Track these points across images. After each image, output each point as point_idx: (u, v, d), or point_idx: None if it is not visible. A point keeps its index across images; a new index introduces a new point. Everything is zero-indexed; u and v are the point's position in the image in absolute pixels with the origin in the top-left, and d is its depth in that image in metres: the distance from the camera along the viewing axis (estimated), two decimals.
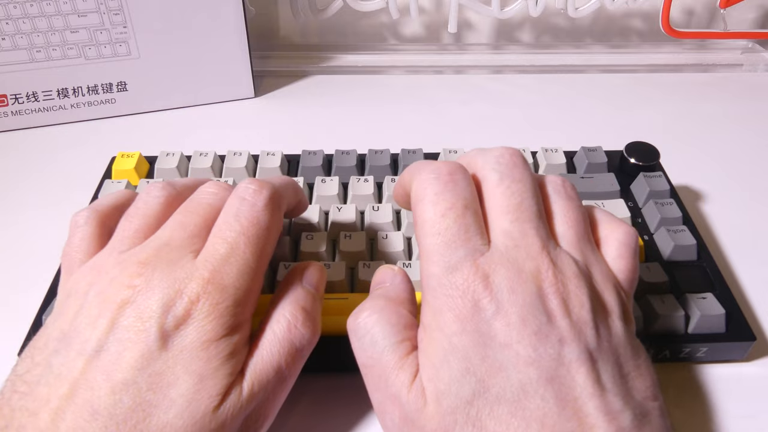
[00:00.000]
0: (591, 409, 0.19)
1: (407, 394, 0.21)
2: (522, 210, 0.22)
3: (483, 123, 0.48)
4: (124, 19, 0.43)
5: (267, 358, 0.22)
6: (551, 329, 0.20)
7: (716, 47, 0.57)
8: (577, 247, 0.22)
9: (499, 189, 0.22)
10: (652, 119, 0.48)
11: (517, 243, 0.21)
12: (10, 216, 0.38)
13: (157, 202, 0.24)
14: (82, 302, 0.22)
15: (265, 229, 0.23)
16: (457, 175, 0.23)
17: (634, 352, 0.21)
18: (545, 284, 0.21)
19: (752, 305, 0.32)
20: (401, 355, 0.22)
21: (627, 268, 0.23)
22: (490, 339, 0.20)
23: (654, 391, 0.21)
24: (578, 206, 0.24)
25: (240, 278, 0.22)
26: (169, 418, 0.20)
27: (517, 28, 0.58)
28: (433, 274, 0.21)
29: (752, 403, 0.28)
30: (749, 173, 0.42)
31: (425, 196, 0.23)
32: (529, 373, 0.19)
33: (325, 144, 0.39)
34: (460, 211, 0.22)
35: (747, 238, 0.36)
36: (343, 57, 0.55)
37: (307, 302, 0.24)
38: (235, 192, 0.24)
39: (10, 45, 0.42)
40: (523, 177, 0.23)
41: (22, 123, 0.46)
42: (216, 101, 0.49)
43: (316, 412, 0.27)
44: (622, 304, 0.22)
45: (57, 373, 0.20)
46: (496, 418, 0.19)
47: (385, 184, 0.35)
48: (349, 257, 0.30)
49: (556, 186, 0.24)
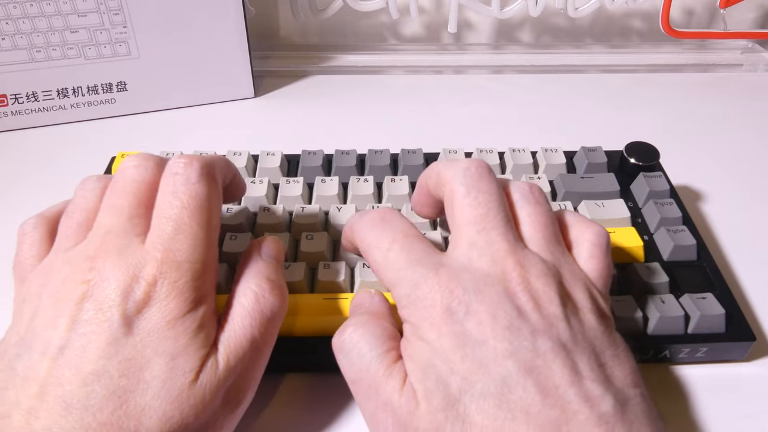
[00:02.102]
0: (572, 396, 0.19)
1: (399, 398, 0.21)
2: (488, 219, 0.23)
3: (483, 123, 0.48)
4: (124, 19, 0.43)
5: (240, 331, 0.22)
6: (523, 322, 0.21)
7: (716, 47, 0.57)
8: (546, 249, 0.23)
9: (466, 200, 0.23)
10: (652, 119, 0.48)
11: (482, 251, 0.22)
12: (10, 216, 0.38)
13: (93, 195, 0.24)
14: (36, 305, 0.21)
15: (205, 199, 0.23)
16: (387, 215, 0.25)
17: (611, 343, 0.22)
18: (512, 283, 0.21)
19: (752, 305, 0.32)
20: (388, 364, 0.22)
21: (599, 267, 0.24)
22: (467, 338, 0.21)
23: (634, 379, 0.21)
24: (546, 210, 0.24)
25: (193, 252, 0.22)
26: (147, 400, 0.20)
27: (517, 28, 0.58)
28: (402, 296, 0.22)
29: (752, 403, 0.28)
30: (749, 173, 0.42)
31: (368, 243, 0.24)
32: (508, 366, 0.20)
33: (325, 144, 0.39)
34: (401, 242, 0.23)
35: (747, 238, 0.36)
36: (343, 57, 0.55)
37: (270, 272, 0.24)
38: (167, 170, 0.24)
39: (10, 45, 0.42)
40: (489, 188, 0.24)
41: (22, 123, 0.46)
42: (216, 101, 0.49)
43: (315, 411, 0.27)
44: (594, 301, 0.22)
45: (23, 376, 0.20)
46: (483, 412, 0.19)
47: (385, 184, 0.35)
48: (349, 257, 0.30)
49: (524, 191, 0.25)
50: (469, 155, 0.37)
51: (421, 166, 0.36)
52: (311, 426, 0.27)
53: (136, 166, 0.24)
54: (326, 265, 0.29)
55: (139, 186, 0.23)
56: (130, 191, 0.23)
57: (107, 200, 0.23)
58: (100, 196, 0.24)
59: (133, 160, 0.24)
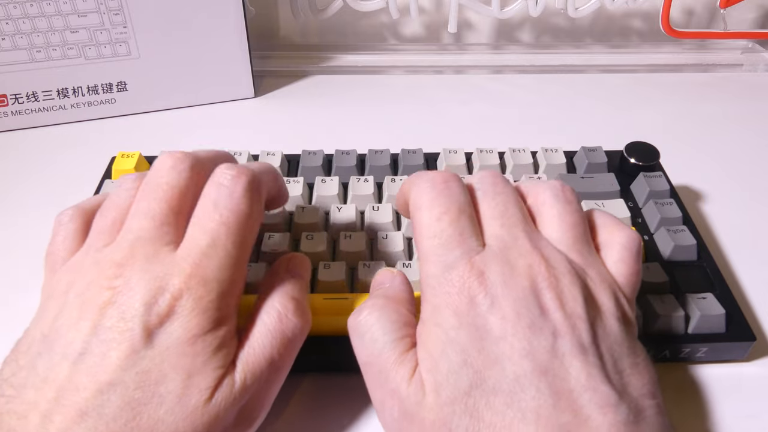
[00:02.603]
0: (585, 401, 0.19)
1: (407, 388, 0.21)
2: (507, 216, 0.23)
3: (483, 123, 0.48)
4: (124, 19, 0.43)
5: (259, 350, 0.22)
6: (545, 322, 0.20)
7: (716, 47, 0.57)
8: (573, 248, 0.23)
9: (485, 202, 0.24)
10: (652, 119, 0.48)
11: (508, 244, 0.22)
12: (10, 216, 0.38)
13: (128, 195, 0.24)
14: (62, 304, 0.21)
15: (245, 217, 0.23)
16: (451, 182, 0.24)
17: (631, 351, 0.21)
18: (538, 279, 0.21)
19: (752, 305, 0.32)
20: (401, 351, 0.22)
21: (628, 272, 0.23)
22: (486, 332, 0.20)
23: (651, 389, 0.21)
24: (576, 209, 0.24)
25: (222, 271, 0.22)
26: (160, 415, 0.20)
27: (517, 28, 0.58)
28: (431, 274, 0.22)
29: (752, 403, 0.28)
30: (749, 173, 0.42)
31: (422, 203, 0.24)
32: (523, 365, 0.19)
33: (325, 144, 0.39)
34: (454, 215, 0.23)
35: (747, 238, 0.36)
36: (343, 57, 0.55)
37: (295, 292, 0.24)
38: (212, 178, 0.23)
39: (10, 45, 0.42)
40: (504, 190, 0.24)
41: (22, 123, 0.46)
42: (216, 101, 0.49)
43: (315, 411, 0.27)
44: (619, 306, 0.22)
45: (43, 376, 0.20)
46: (493, 408, 0.19)
47: (385, 184, 0.35)
48: (349, 257, 0.30)
49: (555, 191, 0.25)
50: (469, 155, 0.37)
51: (421, 166, 0.36)
52: (311, 426, 0.27)
53: (170, 168, 0.23)
54: (326, 265, 0.29)
55: (171, 192, 0.23)
56: (162, 197, 0.23)
57: (138, 203, 0.23)
58: (134, 196, 0.24)
59: (167, 161, 0.23)
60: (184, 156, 0.24)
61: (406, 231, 0.32)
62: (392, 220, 0.32)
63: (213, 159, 0.25)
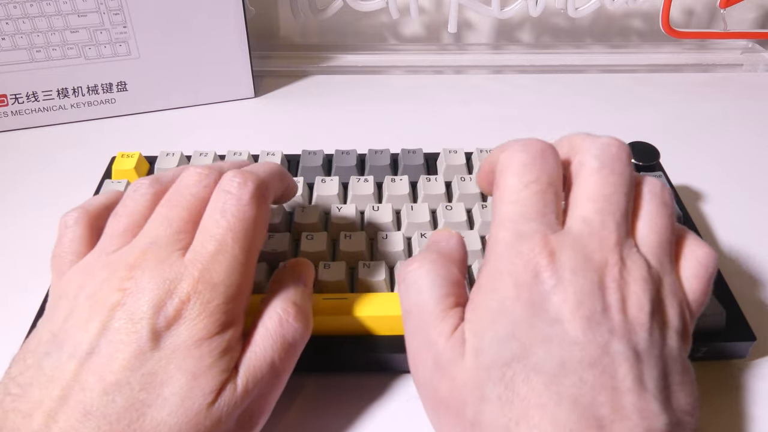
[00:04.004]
0: (627, 402, 0.19)
1: (445, 343, 0.21)
2: (610, 202, 0.22)
3: (483, 123, 0.48)
4: (124, 19, 0.43)
5: (260, 354, 0.22)
6: (604, 319, 0.20)
7: (716, 47, 0.57)
8: (654, 253, 0.22)
9: (595, 176, 0.22)
10: (652, 119, 0.48)
11: (593, 232, 0.21)
12: (9, 216, 0.38)
13: (144, 200, 0.24)
14: (72, 305, 0.22)
15: (252, 222, 0.23)
16: (547, 152, 0.23)
17: (683, 369, 0.21)
18: (608, 278, 0.20)
19: (752, 305, 0.32)
20: (444, 307, 0.22)
21: (700, 289, 0.22)
22: (543, 311, 0.20)
23: (693, 408, 0.20)
24: (669, 214, 0.23)
25: (230, 275, 0.22)
26: (163, 417, 0.20)
27: (517, 28, 0.58)
28: (501, 240, 0.22)
29: (752, 403, 0.28)
30: (749, 173, 0.42)
31: (511, 165, 0.23)
32: (573, 352, 0.19)
33: (325, 144, 0.39)
34: (543, 186, 0.22)
35: (747, 238, 0.36)
36: (343, 57, 0.55)
37: (297, 297, 0.24)
38: (219, 185, 0.24)
39: (10, 45, 0.42)
40: (623, 171, 0.22)
41: (22, 123, 0.46)
42: (216, 101, 0.49)
43: (315, 411, 0.27)
44: (684, 323, 0.21)
45: (49, 375, 0.20)
46: (530, 385, 0.19)
47: (385, 184, 0.35)
48: (349, 257, 0.30)
49: (654, 188, 0.23)
50: (469, 155, 0.37)
51: (422, 166, 0.36)
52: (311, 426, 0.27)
53: (196, 182, 0.24)
54: (326, 265, 0.29)
55: (193, 201, 0.23)
56: (183, 205, 0.23)
57: (160, 209, 0.23)
58: (150, 202, 0.24)
59: (193, 175, 0.24)
60: (210, 170, 0.24)
61: (406, 231, 0.32)
62: (392, 220, 0.32)
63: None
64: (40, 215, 0.38)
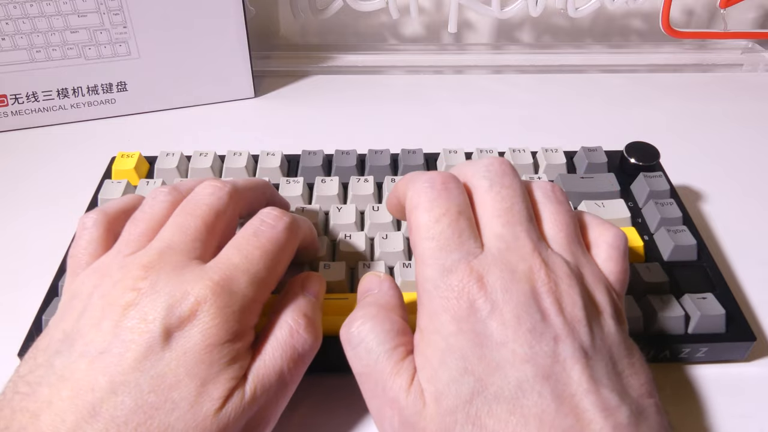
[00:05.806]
0: (587, 405, 0.19)
1: (406, 397, 0.21)
2: (512, 214, 0.23)
3: (483, 123, 0.48)
4: (124, 19, 0.43)
5: (269, 363, 0.22)
6: (546, 327, 0.20)
7: (716, 47, 0.57)
8: (567, 249, 0.23)
9: (489, 195, 0.23)
10: (652, 119, 0.48)
11: (509, 245, 0.22)
12: (10, 216, 0.38)
13: (162, 207, 0.25)
14: (85, 304, 0.22)
15: (282, 247, 0.24)
16: (450, 183, 0.23)
17: (627, 351, 0.21)
18: (538, 283, 0.21)
19: (752, 305, 0.32)
20: (397, 360, 0.22)
21: (617, 269, 0.24)
22: (487, 338, 0.20)
23: (649, 389, 0.21)
24: (567, 210, 0.24)
25: (249, 287, 0.22)
26: (171, 421, 0.20)
27: (517, 28, 0.58)
28: (428, 278, 0.22)
29: (752, 403, 0.28)
30: (749, 173, 0.42)
31: (420, 203, 0.23)
32: (525, 371, 0.19)
33: (325, 144, 0.39)
34: (453, 217, 0.22)
35: (747, 238, 0.36)
36: (343, 57, 0.55)
37: (308, 309, 0.24)
38: (258, 215, 0.25)
39: (10, 45, 0.42)
40: (512, 183, 0.24)
41: (22, 123, 0.46)
42: (216, 101, 0.49)
43: (316, 412, 0.27)
44: (614, 304, 0.22)
45: (59, 374, 0.20)
46: (495, 416, 0.19)
47: (385, 184, 0.35)
48: (349, 257, 0.30)
49: (546, 191, 0.25)
50: (469, 155, 0.37)
51: (422, 166, 0.36)
52: (311, 426, 0.27)
53: (210, 194, 0.25)
54: (326, 265, 0.29)
55: (209, 211, 0.24)
56: (198, 214, 0.24)
57: (175, 217, 0.24)
58: (167, 209, 0.25)
59: (208, 187, 0.25)
60: (223, 184, 0.25)
61: (406, 231, 0.32)
62: (392, 220, 0.32)
63: (251, 187, 0.27)
64: (40, 215, 0.38)
